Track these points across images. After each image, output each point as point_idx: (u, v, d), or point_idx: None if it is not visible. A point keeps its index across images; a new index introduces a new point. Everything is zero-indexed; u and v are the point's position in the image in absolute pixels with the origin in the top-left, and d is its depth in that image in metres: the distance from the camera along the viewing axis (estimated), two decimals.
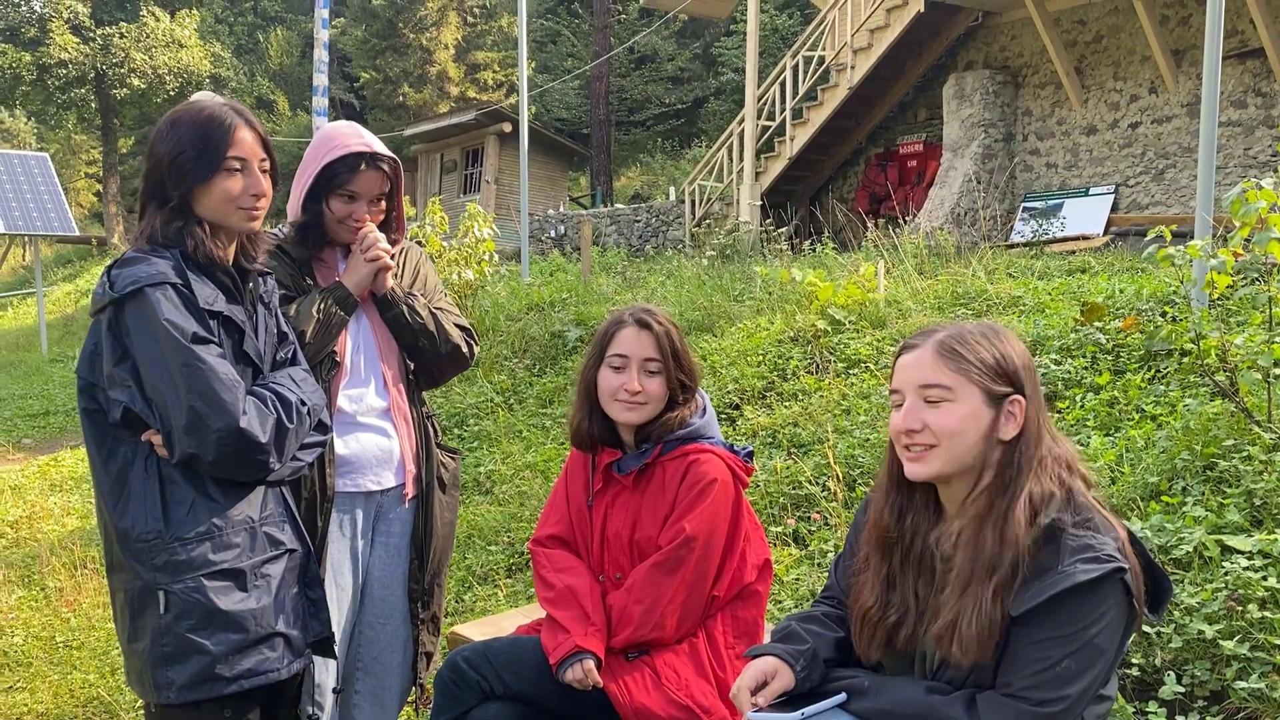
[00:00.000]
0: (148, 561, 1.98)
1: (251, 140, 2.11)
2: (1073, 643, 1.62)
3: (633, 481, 2.44)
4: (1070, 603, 1.62)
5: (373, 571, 2.67)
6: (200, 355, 1.96)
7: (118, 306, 1.98)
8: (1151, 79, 10.89)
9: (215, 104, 2.12)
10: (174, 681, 1.97)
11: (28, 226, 14.39)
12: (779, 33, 23.77)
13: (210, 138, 2.05)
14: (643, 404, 2.39)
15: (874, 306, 6.22)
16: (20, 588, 5.14)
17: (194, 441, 1.94)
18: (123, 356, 1.98)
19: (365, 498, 2.62)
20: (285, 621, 2.08)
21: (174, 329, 1.95)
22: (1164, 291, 5.08)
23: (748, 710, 1.85)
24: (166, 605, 1.97)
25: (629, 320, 2.44)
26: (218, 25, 34.53)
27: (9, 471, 7.76)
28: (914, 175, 13.57)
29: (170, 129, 2.07)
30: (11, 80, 24.56)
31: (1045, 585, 1.62)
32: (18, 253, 29.03)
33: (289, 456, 2.10)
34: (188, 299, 2.00)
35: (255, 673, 2.02)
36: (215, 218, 2.08)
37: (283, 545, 2.11)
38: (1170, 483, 3.35)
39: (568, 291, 9.24)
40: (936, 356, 1.79)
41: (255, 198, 2.11)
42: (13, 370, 13.52)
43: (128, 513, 2.00)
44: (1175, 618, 2.74)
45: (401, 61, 28.76)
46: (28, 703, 3.90)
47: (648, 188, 23.50)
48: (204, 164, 2.05)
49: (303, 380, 2.21)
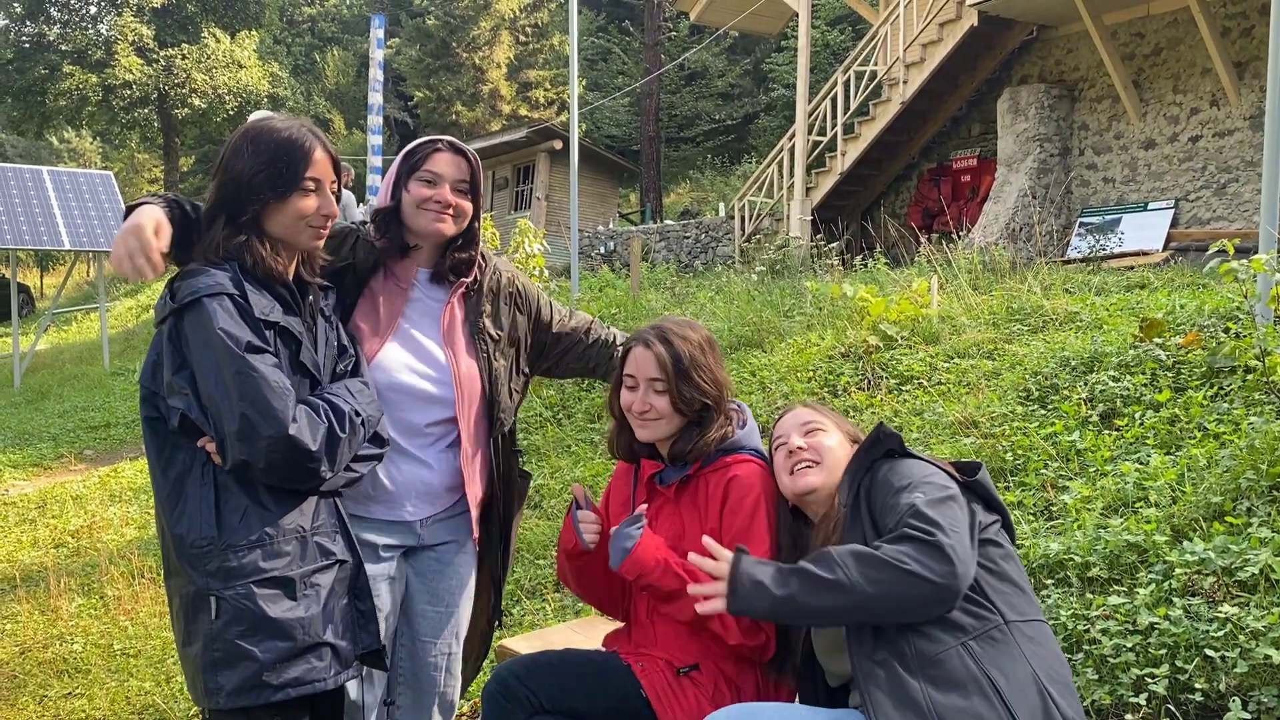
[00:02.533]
0: (200, 567, 2.02)
1: (325, 161, 2.18)
2: (894, 487, 1.99)
3: (674, 494, 2.43)
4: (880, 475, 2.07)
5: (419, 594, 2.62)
6: (253, 364, 1.99)
7: (177, 316, 2.04)
8: (1213, 92, 10.67)
9: (294, 125, 2.18)
10: (223, 687, 2.00)
11: (92, 243, 14.76)
12: (830, 48, 23.70)
13: (290, 158, 2.12)
14: (654, 420, 2.39)
15: (927, 322, 6.15)
16: (80, 596, 5.25)
17: (245, 448, 1.97)
18: (181, 365, 2.03)
19: (405, 526, 2.56)
20: (333, 632, 2.09)
21: (228, 338, 1.99)
22: (1227, 307, 4.96)
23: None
24: (218, 611, 2.00)
25: (638, 340, 2.44)
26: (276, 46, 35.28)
27: (71, 482, 7.93)
28: (968, 190, 13.42)
29: (250, 147, 2.12)
30: (78, 101, 25.27)
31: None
32: (82, 269, 29.77)
33: (341, 466, 2.11)
34: (243, 309, 2.04)
35: (302, 681, 2.03)
36: (284, 235, 2.15)
37: (333, 555, 2.12)
38: (1234, 503, 3.26)
39: (617, 307, 9.26)
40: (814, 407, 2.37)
41: (325, 218, 2.18)
42: (76, 383, 13.85)
43: (183, 519, 2.04)
44: (1241, 642, 2.65)
45: (454, 80, 29.14)
46: (85, 709, 3.97)
47: (697, 204, 23.51)
48: (282, 183, 2.11)
49: (359, 392, 2.22)
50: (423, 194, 2.45)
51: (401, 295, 2.53)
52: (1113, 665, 2.76)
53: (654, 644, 2.42)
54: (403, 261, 2.54)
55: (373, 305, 2.49)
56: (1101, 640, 2.83)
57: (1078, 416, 4.28)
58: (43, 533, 6.50)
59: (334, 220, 2.23)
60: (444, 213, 2.46)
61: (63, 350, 18.37)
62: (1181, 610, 2.81)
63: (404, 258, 2.53)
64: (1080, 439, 4.03)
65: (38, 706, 4.01)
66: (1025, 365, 4.99)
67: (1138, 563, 3.13)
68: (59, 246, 14.54)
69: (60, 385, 13.81)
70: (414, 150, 2.52)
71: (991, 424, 4.44)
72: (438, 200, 2.45)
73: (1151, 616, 2.81)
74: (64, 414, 11.30)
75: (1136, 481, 3.56)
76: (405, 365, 2.49)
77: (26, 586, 5.40)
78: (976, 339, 5.71)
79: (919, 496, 1.90)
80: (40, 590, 5.30)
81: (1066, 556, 3.19)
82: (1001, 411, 4.54)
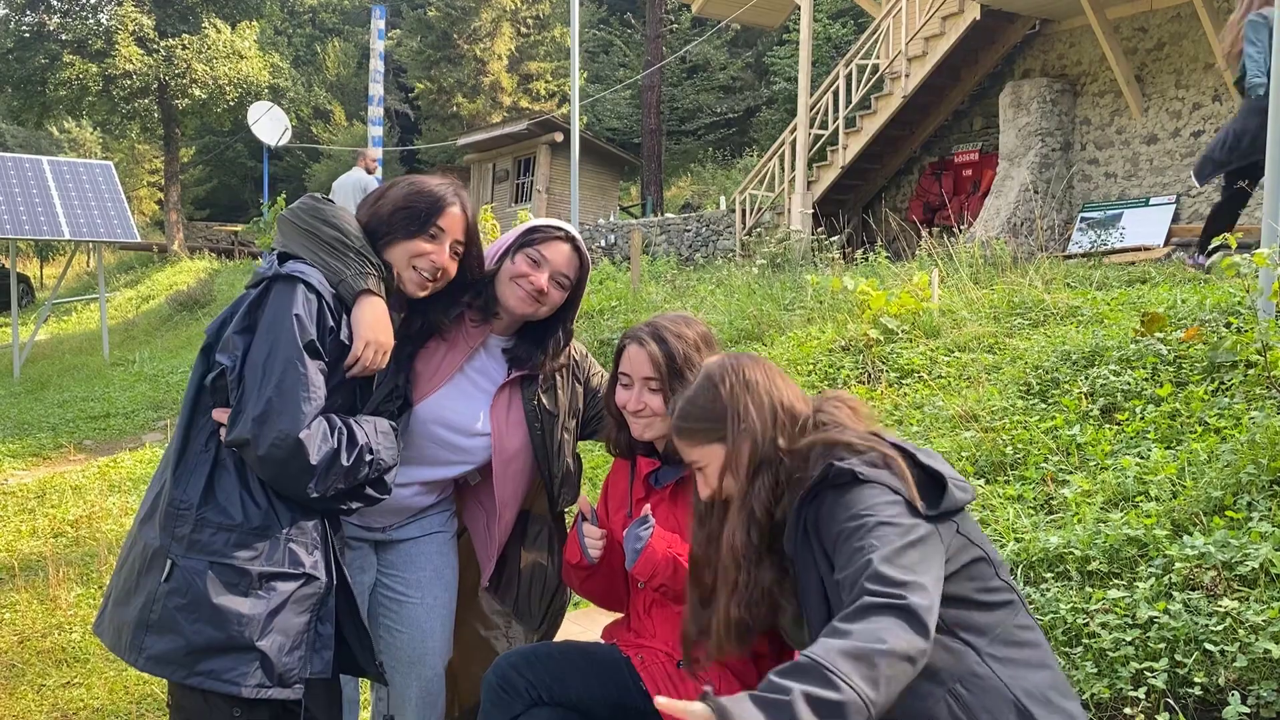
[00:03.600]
0: (170, 528, 2.04)
1: (459, 225, 2.34)
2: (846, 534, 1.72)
3: (670, 494, 2.42)
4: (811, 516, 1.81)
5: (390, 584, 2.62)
6: (305, 359, 2.04)
7: (271, 282, 2.10)
8: (1215, 87, 10.65)
9: (445, 184, 2.37)
10: (146, 649, 2.01)
11: (92, 233, 14.74)
12: (832, 41, 23.64)
13: (433, 206, 2.30)
14: (649, 418, 2.37)
15: (928, 316, 6.14)
16: (79, 585, 5.24)
17: (256, 429, 1.98)
18: (247, 328, 2.08)
19: (367, 531, 2.57)
20: (275, 645, 2.04)
21: (298, 326, 2.04)
22: (1228, 302, 4.95)
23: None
24: (168, 574, 2.02)
25: (631, 337, 2.42)
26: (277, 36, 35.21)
27: (70, 472, 7.93)
28: (969, 184, 13.40)
29: (405, 189, 2.33)
30: (78, 91, 25.19)
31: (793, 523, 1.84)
32: (82, 259, 29.75)
33: (330, 490, 2.09)
34: (322, 314, 2.10)
35: (216, 677, 1.99)
36: (396, 269, 2.28)
37: (302, 567, 2.09)
38: (1235, 497, 3.25)
39: (617, 300, 9.24)
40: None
41: (434, 266, 2.29)
42: (75, 373, 13.84)
43: (179, 476, 2.08)
44: (1240, 636, 2.65)
45: (455, 72, 29.08)
46: (84, 698, 3.97)
47: (698, 197, 23.48)
48: (415, 221, 2.28)
49: (384, 433, 2.22)
50: (522, 270, 2.47)
51: (466, 352, 2.54)
52: (1112, 659, 2.76)
53: (653, 635, 2.42)
54: (479, 320, 2.55)
55: (436, 350, 2.50)
56: (1101, 634, 2.83)
57: (1078, 411, 4.27)
58: (42, 522, 6.49)
59: (445, 277, 2.33)
60: (534, 295, 2.48)
61: (62, 340, 18.36)
62: (1181, 604, 2.81)
63: (482, 319, 2.54)
64: (1081, 433, 4.03)
65: (36, 695, 4.01)
66: (1026, 359, 4.98)
67: (1137, 557, 3.13)
68: (59, 236, 14.51)
69: (60, 375, 13.80)
70: (536, 229, 2.53)
71: (992, 418, 4.43)
72: (532, 282, 2.46)
73: (1151, 611, 2.81)
74: (63, 404, 11.29)
75: (1137, 476, 3.56)
76: (441, 418, 2.50)
77: (25, 576, 5.40)
78: (977, 333, 5.70)
79: (875, 549, 1.64)
80: (39, 580, 5.30)
81: (1066, 550, 3.18)
82: (1002, 405, 4.53)
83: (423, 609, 2.61)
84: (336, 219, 2.20)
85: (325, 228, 2.18)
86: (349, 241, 2.18)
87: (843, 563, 1.70)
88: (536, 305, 2.49)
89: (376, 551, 2.60)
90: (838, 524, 1.74)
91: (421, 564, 2.62)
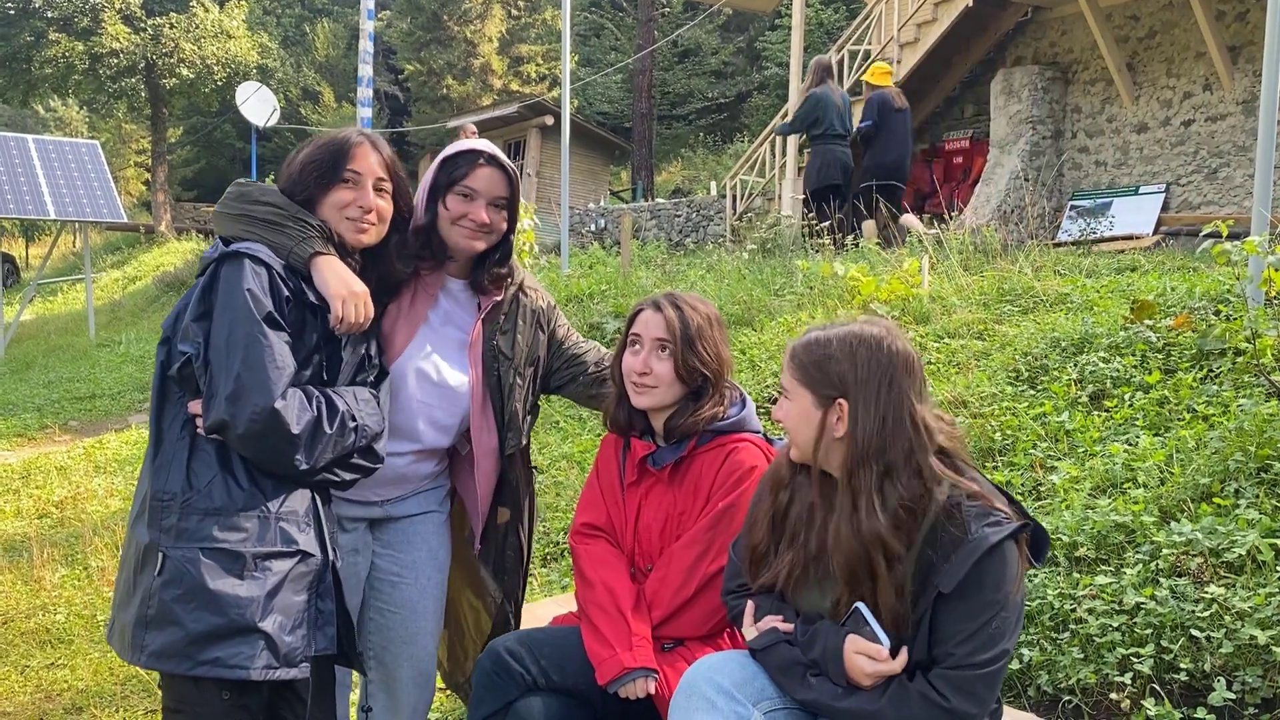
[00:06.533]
0: (157, 522, 2.02)
1: (372, 161, 2.27)
2: (996, 603, 1.77)
3: (668, 475, 2.41)
4: (987, 567, 1.76)
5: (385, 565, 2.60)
6: (265, 331, 2.02)
7: (218, 265, 2.08)
8: (1206, 76, 10.65)
9: (350, 129, 2.33)
10: (148, 646, 1.98)
11: (78, 213, 14.62)
12: (824, 27, 23.58)
13: (338, 152, 2.24)
14: (651, 387, 2.36)
15: (918, 302, 6.14)
16: (64, 566, 5.22)
17: (231, 409, 1.97)
18: (203, 314, 2.06)
19: (364, 507, 2.54)
20: (277, 624, 2.02)
21: (252, 300, 2.02)
22: (1218, 290, 4.96)
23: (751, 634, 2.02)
24: (161, 568, 1.99)
25: (647, 303, 2.44)
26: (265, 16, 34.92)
27: (55, 453, 7.89)
28: (960, 172, 13.39)
29: (314, 143, 2.30)
30: (64, 69, 24.94)
31: (963, 556, 1.77)
32: (68, 239, 29.53)
33: (319, 460, 2.07)
34: (275, 285, 2.08)
35: (224, 664, 1.97)
36: (331, 224, 2.22)
37: (296, 545, 2.07)
38: (1222, 484, 3.27)
39: (607, 284, 9.22)
40: (787, 359, 2.00)
41: (361, 210, 2.24)
42: (61, 354, 13.75)
43: (159, 469, 2.06)
44: (1226, 623, 2.66)
45: (445, 54, 28.89)
46: (68, 679, 3.95)
47: (689, 182, 23.42)
48: (328, 172, 2.22)
49: (364, 400, 2.21)
50: (459, 211, 2.43)
51: (428, 301, 2.51)
52: (1099, 644, 2.77)
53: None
54: (433, 267, 2.52)
55: (398, 308, 2.47)
56: (1088, 620, 2.84)
57: (1067, 397, 4.28)
58: (26, 503, 6.46)
59: (375, 216, 2.27)
60: (478, 231, 2.45)
61: (48, 321, 18.24)
62: (1168, 590, 2.82)
63: (436, 265, 2.52)
64: (1069, 420, 4.03)
65: (20, 677, 3.99)
66: (1015, 346, 4.99)
67: (1125, 543, 3.14)
68: (44, 216, 14.40)
69: (45, 356, 13.71)
70: (455, 159, 2.47)
71: (981, 404, 4.44)
72: (473, 219, 2.43)
73: (1138, 597, 2.82)
74: (49, 385, 11.22)
75: (1125, 462, 3.57)
76: (417, 371, 2.47)
77: (9, 556, 5.36)
78: (967, 319, 5.70)
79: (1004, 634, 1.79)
80: (23, 561, 5.27)
81: (1054, 536, 3.19)
82: (991, 391, 4.53)
83: (415, 589, 2.60)
84: (264, 195, 2.19)
85: (256, 206, 2.16)
86: (283, 210, 2.16)
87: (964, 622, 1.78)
88: (485, 237, 2.47)
89: (372, 531, 2.58)
90: (986, 590, 1.78)
91: (418, 544, 2.61)
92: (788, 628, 1.97)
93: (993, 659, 1.77)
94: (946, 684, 1.78)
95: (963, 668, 1.77)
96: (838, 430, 1.89)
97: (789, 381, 1.97)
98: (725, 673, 1.95)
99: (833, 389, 1.90)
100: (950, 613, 1.79)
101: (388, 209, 2.30)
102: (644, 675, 2.20)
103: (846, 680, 1.85)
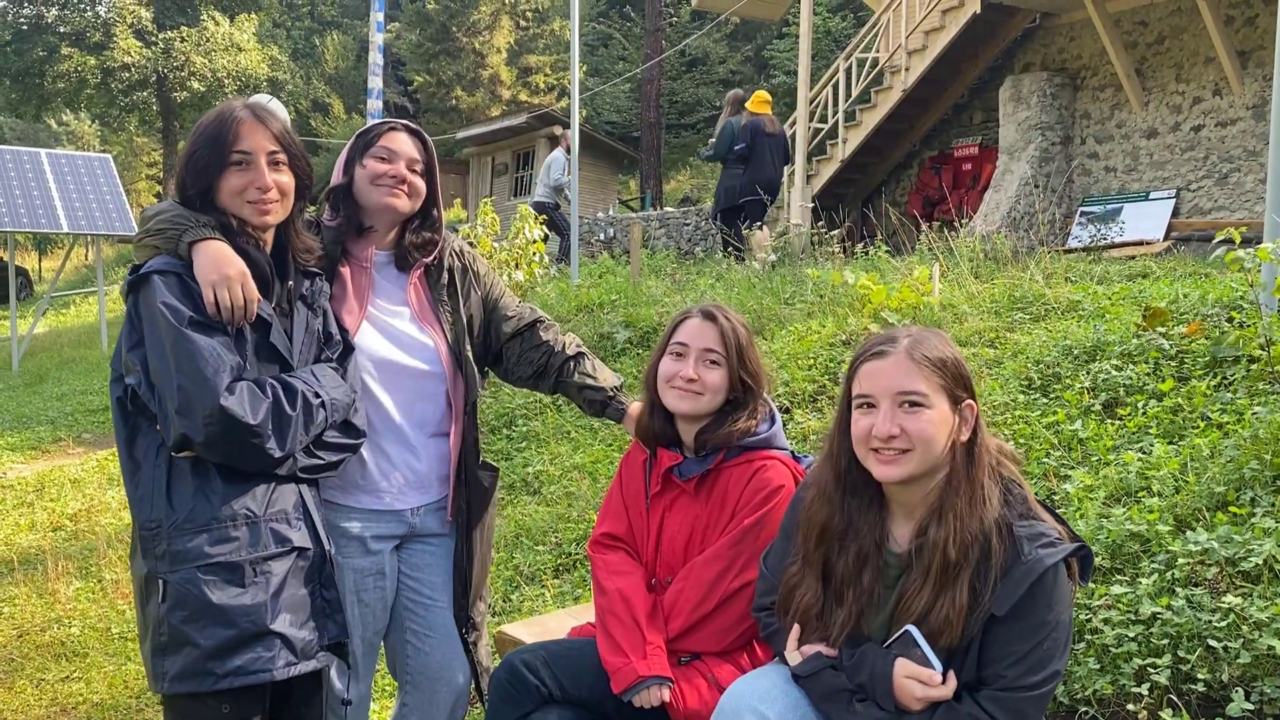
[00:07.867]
0: (151, 551, 2.02)
1: (260, 135, 2.15)
2: (1048, 625, 1.76)
3: (694, 488, 2.40)
4: (1040, 589, 1.76)
5: (417, 588, 2.59)
6: (190, 335, 1.99)
7: (133, 292, 2.06)
8: (1216, 81, 10.63)
9: (228, 103, 2.20)
10: (168, 672, 1.99)
11: (90, 226, 14.70)
12: (831, 35, 23.60)
13: (219, 136, 2.12)
14: (698, 394, 2.35)
15: (928, 310, 6.12)
16: (78, 579, 5.23)
17: (185, 422, 1.96)
18: (137, 343, 2.05)
19: (394, 515, 2.53)
20: (288, 621, 2.04)
21: (169, 311, 2.00)
22: (1230, 296, 4.94)
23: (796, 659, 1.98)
24: (164, 595, 2.00)
25: (696, 312, 2.44)
26: (275, 29, 35.11)
27: (69, 465, 7.92)
28: (969, 179, 13.37)
29: (194, 131, 2.17)
30: (77, 84, 25.16)
31: (1018, 578, 1.76)
32: (80, 252, 29.69)
33: (293, 445, 2.07)
34: (187, 288, 2.04)
35: (246, 671, 1.98)
36: (232, 211, 2.14)
37: (290, 543, 2.08)
38: (1238, 493, 3.25)
39: (617, 293, 9.22)
40: (911, 364, 1.88)
41: (260, 190, 2.14)
42: (74, 366, 13.82)
43: (140, 501, 2.05)
44: (1244, 632, 2.64)
45: (454, 65, 29.01)
46: (83, 692, 3.96)
47: (698, 191, 23.44)
48: (214, 162, 2.12)
49: (325, 376, 2.18)
50: (377, 169, 2.42)
51: (365, 274, 2.50)
52: (1115, 655, 2.75)
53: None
54: (359, 242, 2.51)
55: (341, 288, 2.46)
56: (1104, 630, 2.82)
57: (1080, 405, 4.26)
58: (41, 516, 6.48)
59: (274, 193, 2.17)
60: (398, 188, 2.43)
61: (61, 334, 18.33)
62: (1184, 600, 2.80)
63: (360, 238, 2.51)
64: (1083, 428, 4.02)
65: (35, 690, 4.00)
66: (1027, 354, 4.97)
67: (1140, 552, 3.12)
68: (57, 230, 14.47)
69: (58, 369, 13.77)
70: (369, 129, 2.50)
71: (993, 412, 4.42)
72: (392, 175, 2.42)
73: (1154, 606, 2.80)
74: (62, 397, 11.27)
75: (1139, 471, 3.55)
76: (385, 344, 2.46)
77: (24, 570, 5.39)
78: (978, 327, 5.69)
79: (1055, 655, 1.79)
80: (38, 573, 5.29)
81: None
82: (1003, 400, 4.52)
83: (447, 612, 2.60)
84: (157, 209, 2.17)
85: (151, 223, 2.15)
86: (164, 215, 2.14)
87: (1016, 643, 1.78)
88: (404, 195, 2.45)
89: (399, 553, 2.58)
90: (1039, 612, 1.78)
91: (439, 569, 2.61)
92: (832, 653, 1.95)
93: (1043, 680, 1.77)
94: (997, 706, 1.76)
95: (1014, 690, 1.76)
96: (963, 434, 1.89)
97: (928, 387, 1.87)
98: (769, 701, 1.92)
99: (964, 390, 1.91)
100: (1002, 634, 1.78)
101: (289, 182, 2.20)
102: (658, 683, 2.20)
103: (895, 705, 1.83)
